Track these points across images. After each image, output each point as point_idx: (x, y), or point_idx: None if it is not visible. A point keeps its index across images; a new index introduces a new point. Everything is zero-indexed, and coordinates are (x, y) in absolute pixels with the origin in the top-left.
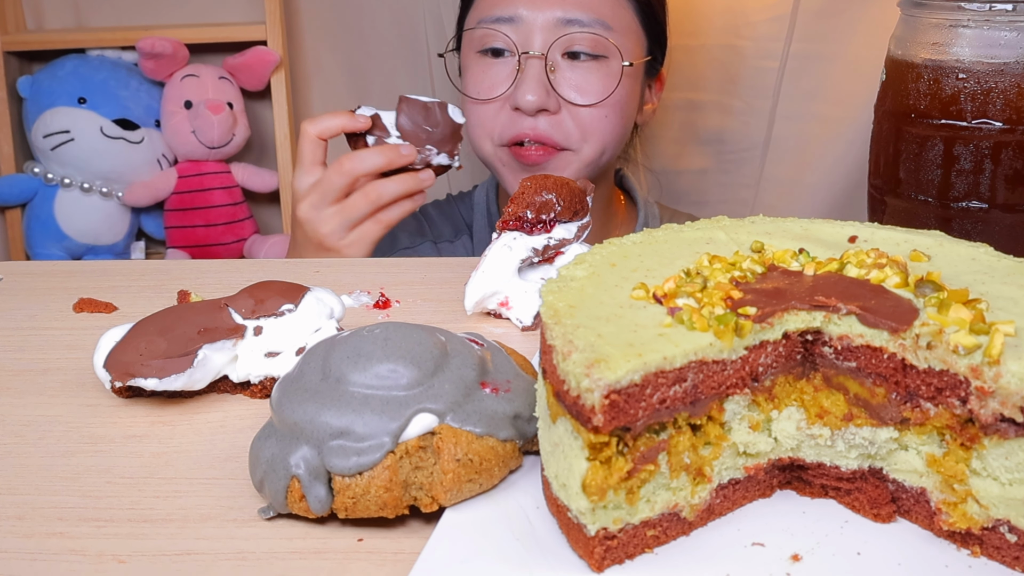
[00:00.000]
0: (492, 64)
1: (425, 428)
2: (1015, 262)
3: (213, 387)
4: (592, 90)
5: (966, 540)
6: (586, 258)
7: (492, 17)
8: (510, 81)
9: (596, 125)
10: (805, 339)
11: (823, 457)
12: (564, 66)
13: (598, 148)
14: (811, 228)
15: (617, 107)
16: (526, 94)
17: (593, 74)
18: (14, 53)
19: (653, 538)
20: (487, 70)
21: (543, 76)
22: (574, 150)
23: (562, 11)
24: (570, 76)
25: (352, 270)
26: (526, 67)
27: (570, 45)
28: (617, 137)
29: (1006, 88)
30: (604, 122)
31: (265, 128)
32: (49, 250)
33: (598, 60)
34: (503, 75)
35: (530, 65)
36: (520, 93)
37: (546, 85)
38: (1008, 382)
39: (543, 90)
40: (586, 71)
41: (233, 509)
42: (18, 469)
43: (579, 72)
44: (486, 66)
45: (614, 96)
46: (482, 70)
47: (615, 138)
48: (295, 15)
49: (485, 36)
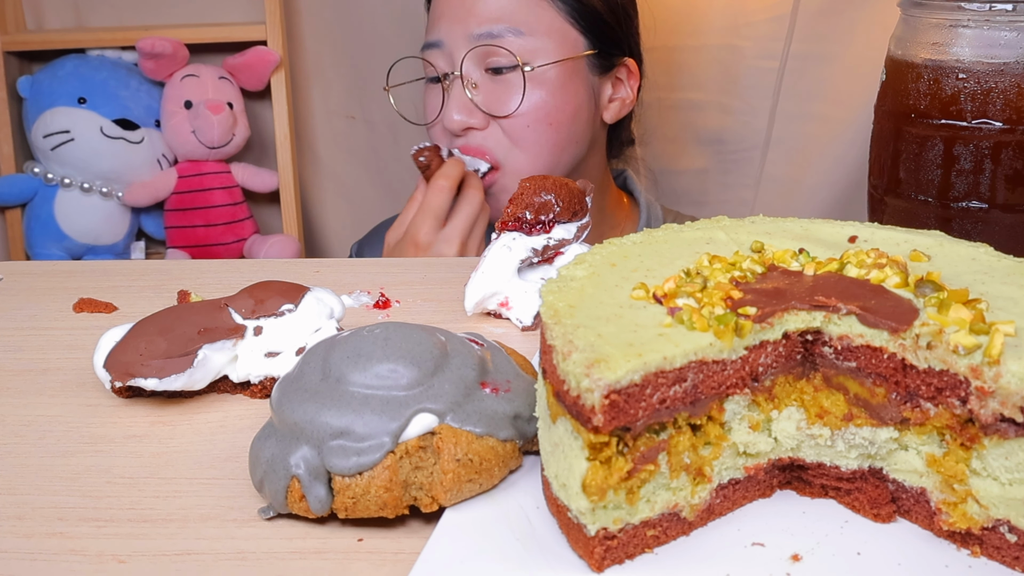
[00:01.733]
0: (431, 89)
1: (425, 428)
2: (1015, 262)
3: (213, 387)
4: (510, 99)
5: (966, 540)
6: (586, 258)
7: (425, 44)
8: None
9: (520, 136)
10: (805, 339)
11: (823, 457)
12: (486, 80)
13: (527, 161)
14: (811, 228)
15: (540, 113)
16: (452, 114)
17: (511, 83)
18: (14, 53)
19: (653, 538)
20: (429, 96)
21: (463, 95)
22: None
23: (476, 26)
24: (492, 89)
25: (352, 270)
26: (451, 88)
27: (486, 58)
28: (550, 146)
29: (1006, 88)
30: (528, 131)
31: (265, 128)
32: (49, 250)
33: (516, 70)
34: (439, 99)
35: (454, 86)
36: (446, 116)
37: (467, 104)
38: (1008, 382)
39: (465, 109)
40: (504, 82)
41: (233, 509)
42: (18, 469)
43: (499, 84)
44: (428, 92)
45: (530, 103)
46: (429, 97)
47: (547, 148)
48: (295, 15)
49: (423, 64)
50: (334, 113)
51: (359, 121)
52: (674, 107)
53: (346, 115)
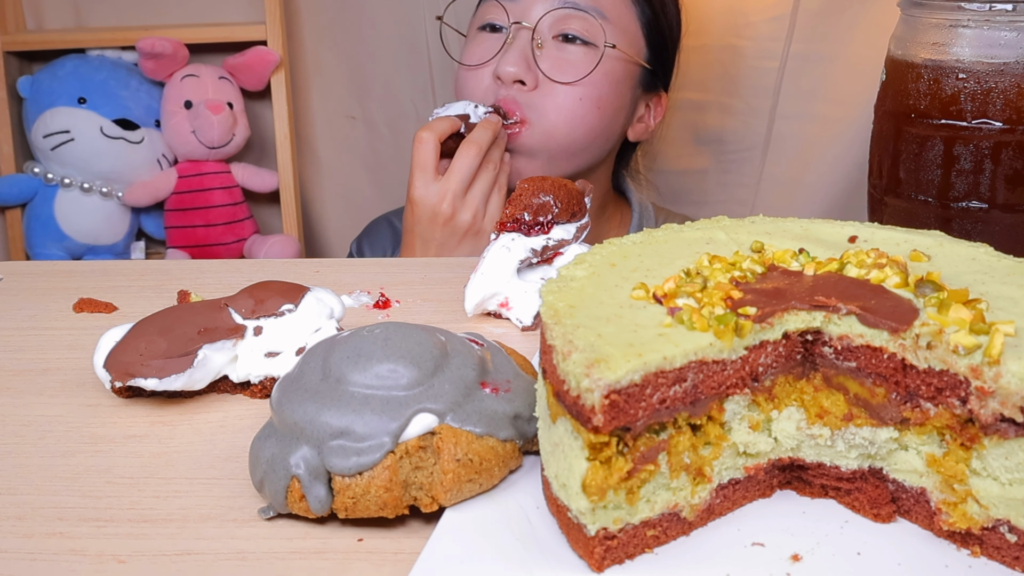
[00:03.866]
0: (487, 37)
1: (425, 428)
2: (1015, 262)
3: (213, 387)
4: (572, 70)
5: (966, 540)
6: (586, 258)
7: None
8: (497, 51)
9: (567, 104)
10: (805, 339)
11: (823, 457)
12: (552, 46)
13: (563, 126)
14: (811, 228)
15: (594, 94)
16: (507, 64)
17: (577, 56)
18: (14, 53)
19: (653, 538)
20: (482, 42)
21: (527, 49)
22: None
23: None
24: (555, 55)
25: (352, 270)
26: (514, 38)
27: (563, 24)
28: (588, 126)
29: (1006, 88)
30: (577, 104)
31: (265, 128)
32: (49, 250)
33: (587, 46)
34: (494, 47)
35: (519, 37)
36: (502, 63)
37: (528, 58)
38: (1008, 382)
39: (524, 62)
40: (571, 52)
41: (233, 509)
42: (18, 469)
43: (564, 52)
44: (482, 39)
45: (593, 79)
46: (477, 42)
47: (585, 126)
48: (295, 15)
49: (487, 9)
50: (334, 113)
51: (359, 121)
52: (674, 107)
53: (346, 115)
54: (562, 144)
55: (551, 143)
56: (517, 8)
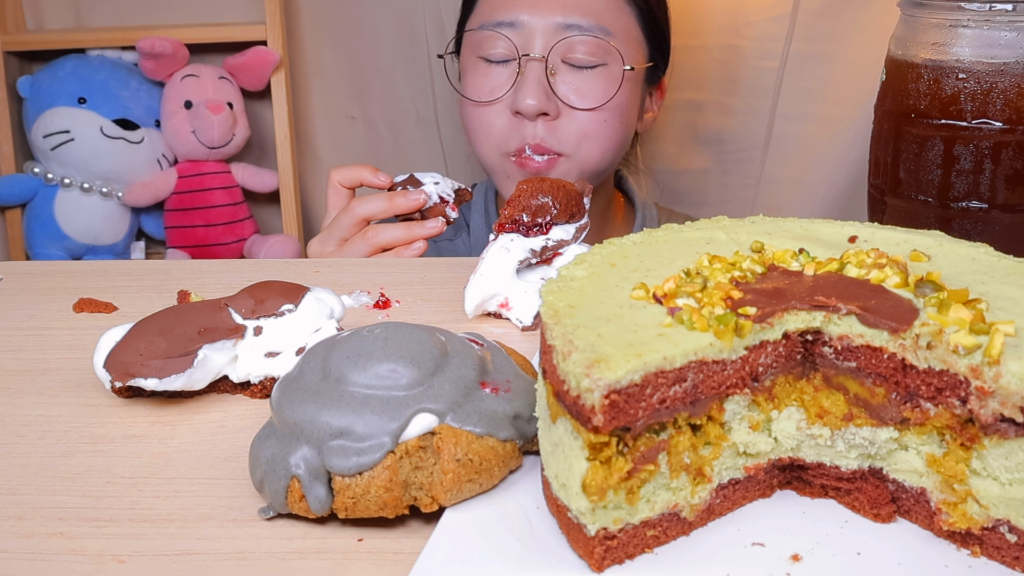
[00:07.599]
0: (492, 68)
1: (425, 428)
2: (1015, 262)
3: (213, 387)
4: (592, 94)
5: (966, 540)
6: (586, 258)
7: (493, 21)
8: (510, 84)
9: (595, 129)
10: (805, 339)
11: (823, 457)
12: (564, 71)
13: (596, 153)
14: (811, 228)
15: (617, 112)
16: (526, 97)
17: (593, 79)
18: (14, 53)
19: (653, 538)
20: (487, 74)
21: (543, 79)
22: (568, 155)
23: (563, 16)
24: (571, 80)
25: (352, 270)
26: (526, 70)
27: (570, 50)
28: (617, 143)
29: (1006, 88)
30: (603, 127)
31: (265, 128)
32: (49, 250)
33: (597, 67)
34: (503, 79)
35: (530, 68)
36: (520, 96)
37: (546, 88)
38: (1008, 382)
39: (543, 93)
40: (586, 76)
41: (233, 509)
42: (18, 469)
43: (579, 77)
44: (486, 70)
45: (614, 100)
46: (482, 74)
47: (614, 144)
48: (295, 15)
49: (485, 40)
50: (334, 113)
51: (359, 121)
52: (674, 107)
53: (346, 115)
54: (597, 169)
55: (586, 169)
56: (520, 36)
